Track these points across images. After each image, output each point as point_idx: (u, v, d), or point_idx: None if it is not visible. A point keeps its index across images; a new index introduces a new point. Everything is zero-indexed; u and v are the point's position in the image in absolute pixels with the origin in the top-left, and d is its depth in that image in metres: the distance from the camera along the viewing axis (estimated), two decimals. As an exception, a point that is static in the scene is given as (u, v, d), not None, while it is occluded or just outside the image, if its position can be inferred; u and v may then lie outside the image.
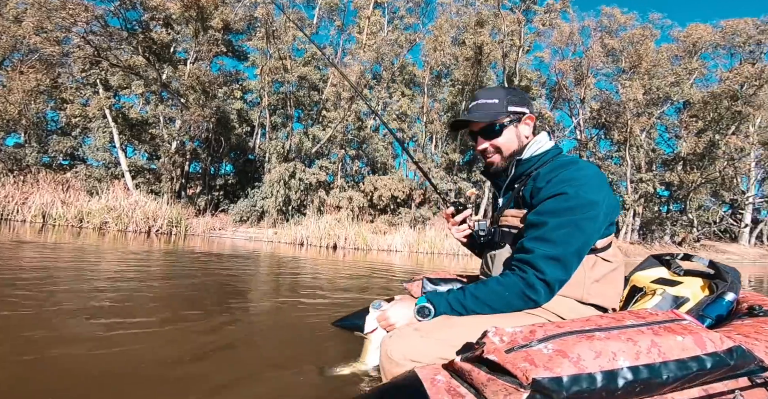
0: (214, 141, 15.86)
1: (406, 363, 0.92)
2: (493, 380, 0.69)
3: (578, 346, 0.70)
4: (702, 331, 0.78)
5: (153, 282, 3.05)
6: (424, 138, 16.27)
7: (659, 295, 1.26)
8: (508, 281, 0.99)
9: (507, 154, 1.19)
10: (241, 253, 7.04)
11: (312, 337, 1.84)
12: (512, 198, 1.18)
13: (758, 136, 15.61)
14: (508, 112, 1.16)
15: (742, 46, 16.56)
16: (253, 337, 1.78)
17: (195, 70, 14.56)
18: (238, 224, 13.19)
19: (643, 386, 0.69)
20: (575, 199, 0.98)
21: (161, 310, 2.13)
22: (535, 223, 1.01)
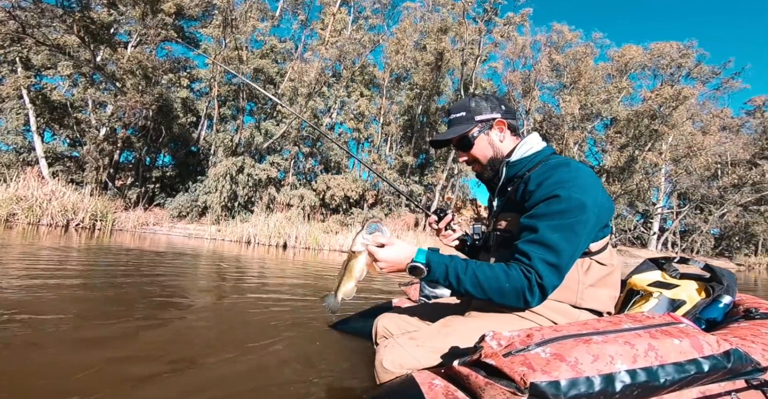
0: (153, 130, 14.55)
1: (402, 372, 0.91)
2: (491, 384, 0.68)
3: (576, 350, 0.70)
4: (699, 334, 0.79)
5: (65, 281, 2.62)
6: (379, 139, 16.28)
7: (656, 298, 1.25)
8: (514, 275, 0.95)
9: (486, 162, 1.21)
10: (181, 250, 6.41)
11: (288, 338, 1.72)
12: (506, 202, 1.17)
13: (670, 153, 17.64)
14: (476, 122, 1.18)
15: (665, 68, 18.62)
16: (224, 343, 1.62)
17: (137, 53, 13.32)
18: (175, 220, 12.12)
19: (640, 389, 0.69)
20: (567, 201, 0.96)
21: (80, 312, 1.87)
22: (529, 227, 0.98)
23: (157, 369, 1.26)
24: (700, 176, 17.86)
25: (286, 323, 2.00)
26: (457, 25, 15.07)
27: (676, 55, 17.81)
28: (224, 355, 1.43)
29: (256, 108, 17.14)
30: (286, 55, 17.63)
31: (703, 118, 18.30)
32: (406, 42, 15.09)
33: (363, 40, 14.95)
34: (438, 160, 16.68)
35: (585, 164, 1.08)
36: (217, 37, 14.73)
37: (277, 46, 17.10)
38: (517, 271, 0.95)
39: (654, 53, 17.95)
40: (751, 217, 18.21)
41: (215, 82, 15.04)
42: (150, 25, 13.46)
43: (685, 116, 16.47)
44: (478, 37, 14.91)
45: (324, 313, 2.28)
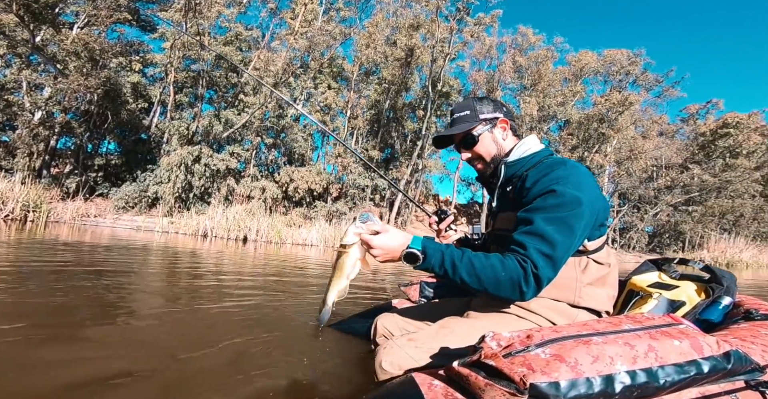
0: (97, 115, 13.37)
1: (400, 373, 0.91)
2: (490, 385, 0.68)
3: (576, 351, 0.70)
4: (699, 335, 0.79)
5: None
6: (345, 132, 16.09)
7: (655, 299, 1.25)
8: (510, 264, 0.94)
9: (489, 160, 1.22)
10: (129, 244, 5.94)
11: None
12: (505, 201, 1.18)
13: (614, 155, 18.99)
14: (480, 120, 1.19)
15: (615, 74, 19.87)
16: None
17: (84, 35, 12.20)
18: (121, 211, 11.23)
19: (640, 390, 0.69)
20: (562, 196, 0.97)
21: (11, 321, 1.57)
22: (525, 219, 0.99)
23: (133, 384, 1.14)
24: (639, 178, 19.45)
25: (283, 322, 1.94)
26: (429, 23, 15.18)
27: (626, 62, 19.14)
28: (216, 356, 1.37)
29: (217, 96, 16.30)
30: (252, 44, 16.93)
31: (644, 124, 19.90)
32: (378, 36, 14.98)
33: (334, 32, 14.67)
34: (403, 155, 16.81)
35: (582, 164, 1.12)
36: (178, 21, 13.78)
37: (243, 34, 16.39)
38: (513, 260, 0.94)
39: (606, 60, 19.20)
40: (680, 216, 20.09)
41: (172, 68, 14.08)
42: (101, 6, 12.48)
43: (629, 121, 17.82)
44: (449, 36, 15.13)
45: (318, 323, 2.24)
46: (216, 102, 16.02)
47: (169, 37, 14.64)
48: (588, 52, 19.19)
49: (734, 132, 20.32)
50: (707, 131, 21.66)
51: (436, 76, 15.59)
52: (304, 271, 4.28)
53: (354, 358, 1.41)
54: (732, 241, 17.63)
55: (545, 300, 1.06)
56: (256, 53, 15.05)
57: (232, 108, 14.36)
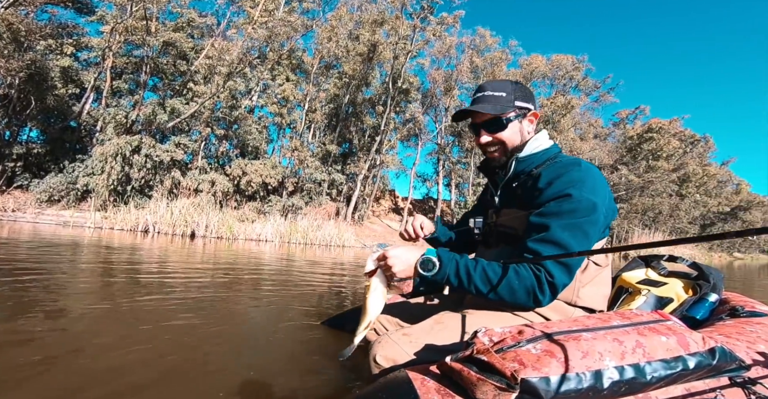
0: (18, 100, 11.86)
1: (394, 368, 0.89)
2: (482, 380, 0.67)
3: (566, 346, 0.71)
4: (685, 331, 0.79)
5: None
6: (302, 126, 15.69)
7: (644, 296, 1.26)
8: (524, 273, 0.93)
9: (509, 149, 1.15)
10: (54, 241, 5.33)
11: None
12: (510, 197, 1.13)
13: (554, 155, 20.54)
14: (515, 107, 1.12)
15: (560, 78, 21.31)
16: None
17: (8, 15, 10.87)
18: (44, 205, 10.03)
19: (628, 386, 0.70)
20: (578, 201, 0.95)
21: None
22: (539, 225, 0.96)
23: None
24: (579, 177, 21.11)
25: (275, 320, 1.93)
26: (393, 19, 15.22)
27: (570, 67, 20.63)
28: (208, 353, 1.34)
29: (162, 84, 15.13)
30: (206, 31, 15.93)
31: (582, 127, 21.63)
32: (340, 30, 14.74)
33: (295, 24, 14.20)
34: (361, 151, 16.76)
35: (593, 164, 1.08)
36: (122, 4, 12.59)
37: (196, 20, 15.38)
38: (527, 270, 0.92)
39: (554, 64, 20.55)
40: (610, 213, 22.19)
41: (110, 52, 12.85)
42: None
43: (570, 123, 19.25)
44: (411, 33, 15.30)
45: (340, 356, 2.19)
46: (161, 90, 14.88)
47: (110, 21, 13.38)
48: (538, 56, 20.41)
49: (657, 136, 22.75)
50: (634, 135, 24.03)
51: (397, 73, 15.73)
52: (258, 267, 4.11)
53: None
54: (652, 235, 19.71)
55: None
56: (210, 41, 14.19)
57: (180, 97, 13.41)
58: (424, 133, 19.70)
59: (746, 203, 28.98)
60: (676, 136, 23.16)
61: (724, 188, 29.09)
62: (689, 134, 24.27)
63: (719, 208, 27.40)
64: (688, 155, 23.73)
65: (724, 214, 28.08)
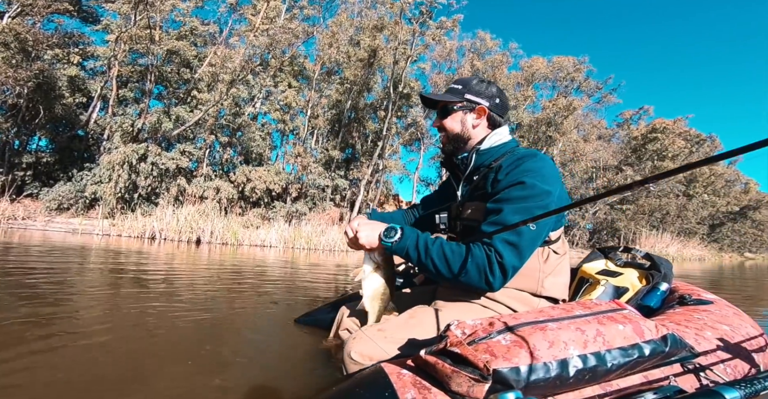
0: (27, 109, 12.12)
1: (369, 363, 0.91)
2: (456, 372, 0.69)
3: (533, 337, 0.73)
4: (640, 319, 0.82)
5: None
6: (305, 132, 15.84)
7: (602, 286, 1.30)
8: (478, 253, 0.96)
9: (451, 136, 1.22)
10: (64, 248, 5.45)
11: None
12: (473, 190, 1.17)
13: (559, 157, 20.33)
14: (463, 99, 1.20)
15: (562, 80, 21.15)
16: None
17: (16, 25, 11.12)
18: (54, 213, 10.22)
19: (591, 374, 0.72)
20: (531, 188, 1.00)
21: None
22: (493, 210, 1.01)
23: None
24: (581, 178, 20.96)
25: (247, 319, 1.90)
26: (393, 24, 15.35)
27: (572, 69, 20.55)
28: (175, 354, 1.31)
29: (167, 92, 15.37)
30: (209, 39, 16.19)
31: (585, 128, 21.52)
32: (341, 36, 14.89)
33: (296, 30, 14.39)
34: (364, 156, 16.85)
35: (548, 156, 1.14)
36: (126, 13, 12.87)
37: (199, 29, 15.62)
38: (480, 249, 0.96)
39: (555, 66, 20.50)
40: (615, 214, 21.89)
41: (116, 61, 13.10)
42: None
43: (572, 125, 19.18)
44: (411, 38, 15.43)
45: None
46: (166, 98, 15.11)
47: (115, 30, 13.62)
48: (539, 58, 20.37)
49: (661, 136, 22.55)
50: (639, 136, 23.83)
51: (398, 78, 15.84)
52: (261, 271, 4.17)
53: (321, 351, 1.40)
54: (660, 236, 19.50)
55: (510, 290, 1.08)
56: (213, 49, 14.40)
57: (184, 105, 13.61)
58: (427, 137, 19.77)
59: (755, 202, 28.57)
60: (681, 136, 22.94)
61: (732, 188, 28.69)
62: (694, 134, 24.04)
63: (728, 207, 27.01)
64: (694, 155, 23.47)
65: (734, 214, 27.69)
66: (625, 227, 21.50)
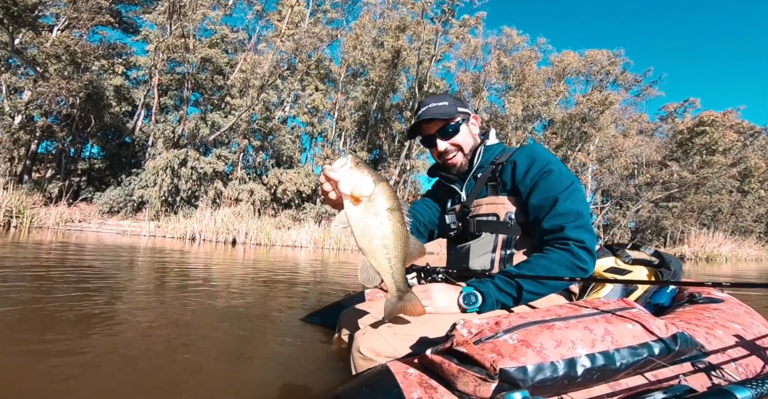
0: (80, 119, 13.15)
1: (379, 359, 0.90)
2: (463, 371, 0.69)
3: (540, 336, 0.72)
4: (649, 318, 0.82)
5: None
6: (333, 134, 16.14)
7: (611, 284, 1.29)
8: (555, 256, 0.97)
9: (467, 151, 1.22)
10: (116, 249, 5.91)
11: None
12: (482, 186, 1.17)
13: (596, 153, 19.49)
14: (459, 112, 1.21)
15: (596, 74, 20.22)
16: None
17: (65, 38, 12.02)
18: (105, 216, 11.08)
19: (599, 373, 0.71)
20: (559, 174, 1.07)
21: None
22: (544, 204, 1.03)
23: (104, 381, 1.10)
24: (620, 175, 19.93)
25: (252, 318, 1.91)
26: (415, 24, 15.32)
27: (606, 62, 19.60)
28: (183, 356, 1.31)
29: (203, 99, 16.18)
30: (238, 46, 16.86)
31: (624, 122, 20.44)
32: (365, 38, 15.06)
33: (320, 34, 14.70)
34: (391, 156, 16.93)
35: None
36: (162, 23, 13.65)
37: (229, 36, 16.30)
38: (555, 252, 0.97)
39: (588, 60, 19.64)
40: (660, 212, 20.63)
41: (156, 71, 13.93)
42: (82, 8, 12.19)
43: (609, 120, 18.27)
44: (434, 37, 15.32)
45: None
46: (202, 105, 15.88)
47: (153, 40, 14.42)
48: (570, 52, 19.61)
49: (710, 130, 21.01)
50: (684, 129, 22.33)
51: (423, 77, 15.76)
52: (290, 271, 4.34)
53: (327, 350, 1.40)
54: (711, 235, 18.15)
55: None
56: (242, 55, 14.97)
57: (219, 110, 14.28)
58: (455, 136, 19.52)
59: (821, 198, 25.94)
60: (732, 129, 21.26)
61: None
62: (748, 126, 22.19)
63: (789, 204, 24.73)
64: (748, 148, 21.68)
65: (796, 211, 25.32)
66: (672, 226, 20.26)
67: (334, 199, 0.88)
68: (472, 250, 1.15)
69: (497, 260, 1.11)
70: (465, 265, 1.17)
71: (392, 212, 0.79)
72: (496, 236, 1.10)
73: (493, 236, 1.11)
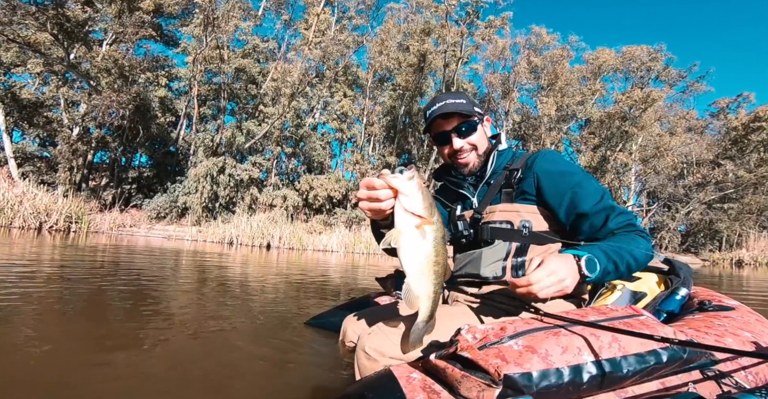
0: (129, 129, 14.16)
1: (383, 360, 0.89)
2: (466, 377, 0.69)
3: (546, 342, 0.72)
4: (657, 325, 0.81)
5: (65, 284, 2.59)
6: (362, 139, 16.36)
7: (619, 291, 1.27)
8: (640, 242, 0.97)
9: (481, 153, 1.17)
10: (161, 252, 6.34)
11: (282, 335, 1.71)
12: (496, 193, 1.14)
13: (639, 153, 18.41)
14: (476, 112, 1.16)
15: (636, 71, 19.15)
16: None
17: (113, 52, 12.93)
18: (154, 221, 11.87)
19: (606, 380, 0.71)
20: (589, 178, 1.08)
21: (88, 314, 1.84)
22: (600, 208, 1.02)
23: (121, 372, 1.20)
24: (668, 175, 18.70)
25: (260, 323, 1.96)
26: (439, 28, 15.27)
27: (646, 58, 18.54)
28: (193, 357, 1.34)
29: (238, 108, 16.93)
30: (269, 55, 17.50)
31: (670, 120, 19.18)
32: (390, 43, 15.20)
33: (347, 41, 14.98)
34: (420, 160, 16.90)
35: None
36: (198, 35, 14.46)
37: (260, 46, 16.95)
38: (636, 238, 0.98)
39: (625, 56, 18.67)
40: (714, 214, 19.15)
41: (195, 82, 14.76)
42: (127, 23, 13.03)
43: (653, 118, 17.23)
44: (460, 40, 15.19)
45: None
46: (237, 113, 16.62)
47: (191, 51, 15.16)
48: (605, 49, 18.74)
49: (767, 126, 19.30)
50: (739, 126, 20.63)
51: (450, 80, 15.65)
52: (321, 274, 4.47)
53: (331, 353, 1.40)
54: (772, 238, 16.63)
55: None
56: (273, 64, 15.53)
57: (253, 119, 14.89)
58: (485, 139, 19.20)
59: None
60: (793, 124, 19.39)
61: None
62: (812, 120, 20.13)
63: None
64: (811, 144, 19.71)
65: None
66: (728, 229, 18.77)
67: (380, 209, 0.78)
68: (484, 256, 1.12)
69: (509, 267, 1.09)
70: (475, 272, 1.15)
71: (444, 240, 0.78)
72: (509, 244, 1.09)
73: (507, 244, 1.09)
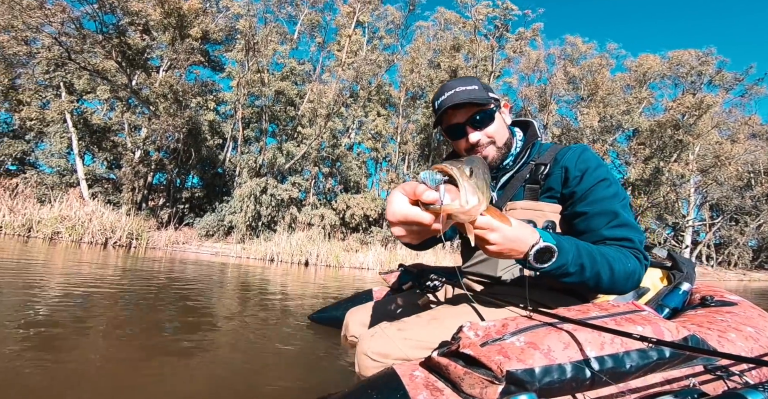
0: (183, 152, 15.37)
1: (387, 362, 0.89)
2: (469, 374, 0.69)
3: (548, 338, 0.72)
4: (660, 321, 0.81)
5: (103, 300, 2.89)
6: (397, 158, 16.57)
7: None
8: (632, 258, 0.89)
9: (501, 145, 1.03)
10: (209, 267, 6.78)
11: (287, 334, 1.74)
12: (519, 188, 1.05)
13: (697, 163, 17.02)
14: (491, 98, 1.02)
15: (685, 76, 18.05)
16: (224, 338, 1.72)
17: (168, 77, 14.16)
18: (203, 239, 12.69)
19: (608, 375, 0.71)
20: (614, 182, 0.97)
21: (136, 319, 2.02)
22: (606, 212, 0.93)
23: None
24: (732, 186, 17.09)
25: (262, 320, 1.97)
26: (469, 43, 15.38)
27: (696, 62, 17.39)
28: (198, 353, 1.35)
29: (278, 129, 17.81)
30: (305, 77, 18.33)
31: (731, 126, 17.66)
32: (420, 60, 15.49)
33: (378, 60, 15.43)
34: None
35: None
36: (240, 60, 15.48)
37: (297, 68, 17.77)
38: (628, 255, 0.89)
39: (672, 62, 17.62)
40: (790, 227, 17.19)
41: (239, 105, 15.73)
42: (179, 49, 14.01)
43: (710, 125, 15.98)
44: (490, 54, 15.19)
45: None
46: (278, 135, 17.44)
47: (235, 76, 16.00)
48: (649, 55, 17.81)
49: None
50: (812, 130, 18.57)
51: (483, 96, 15.55)
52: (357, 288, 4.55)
53: (333, 350, 1.39)
54: None
55: (551, 292, 1.03)
56: (309, 86, 16.28)
57: (292, 140, 15.62)
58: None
59: None
60: None
61: None
62: None
63: None
64: None
65: None
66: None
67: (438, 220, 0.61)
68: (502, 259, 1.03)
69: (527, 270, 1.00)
70: (490, 274, 1.09)
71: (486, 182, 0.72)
72: None
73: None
